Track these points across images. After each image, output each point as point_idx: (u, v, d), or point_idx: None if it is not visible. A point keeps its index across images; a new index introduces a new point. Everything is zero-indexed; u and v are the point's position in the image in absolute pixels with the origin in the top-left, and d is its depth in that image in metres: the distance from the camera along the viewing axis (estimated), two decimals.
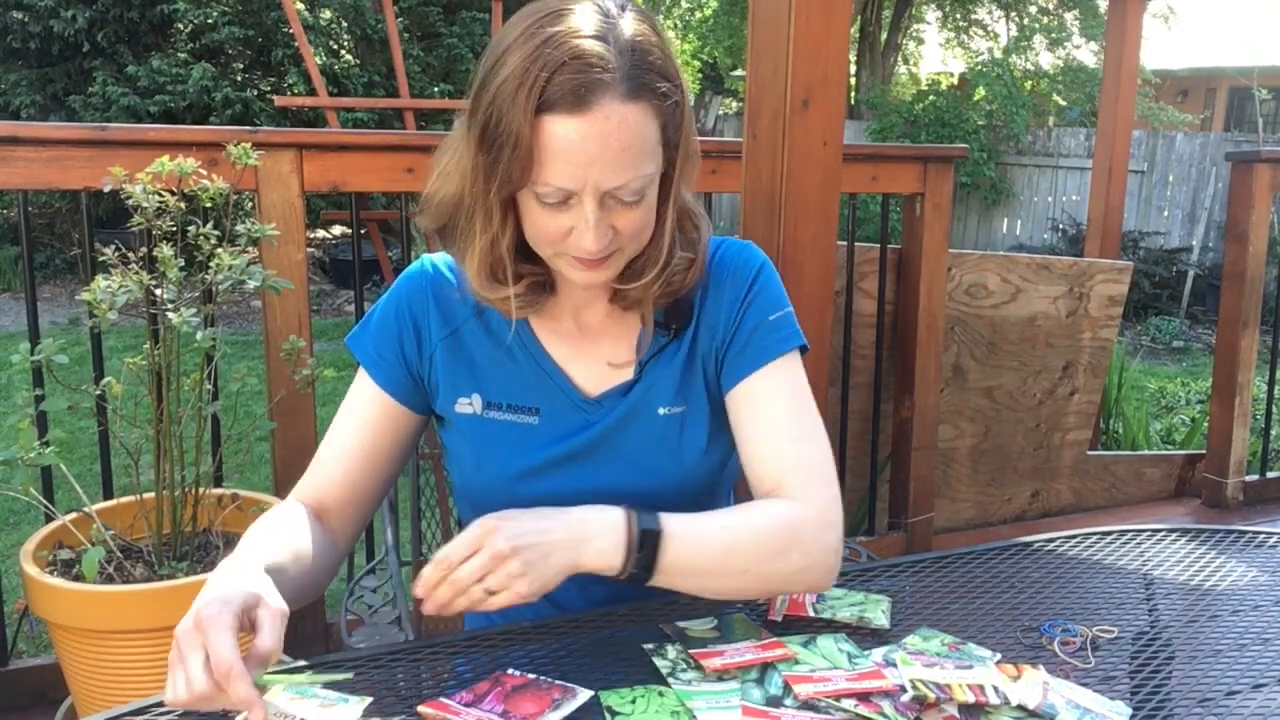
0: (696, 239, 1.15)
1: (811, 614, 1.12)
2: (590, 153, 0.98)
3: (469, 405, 1.17)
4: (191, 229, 1.85)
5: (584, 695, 0.92)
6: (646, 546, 1.01)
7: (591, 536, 1.00)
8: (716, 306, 1.18)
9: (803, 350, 1.17)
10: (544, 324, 1.18)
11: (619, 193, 1.02)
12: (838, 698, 0.93)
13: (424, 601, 0.96)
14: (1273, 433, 3.72)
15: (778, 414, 1.13)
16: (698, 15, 16.90)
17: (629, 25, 1.00)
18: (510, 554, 0.95)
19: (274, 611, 0.89)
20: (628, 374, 1.17)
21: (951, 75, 16.70)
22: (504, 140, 0.99)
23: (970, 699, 0.93)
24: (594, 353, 1.17)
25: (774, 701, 0.94)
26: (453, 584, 0.95)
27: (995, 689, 0.95)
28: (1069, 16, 14.84)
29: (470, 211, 1.07)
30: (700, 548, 1.04)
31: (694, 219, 1.16)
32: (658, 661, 0.99)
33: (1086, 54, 14.26)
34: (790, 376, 1.15)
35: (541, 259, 1.10)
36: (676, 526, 1.03)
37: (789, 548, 1.07)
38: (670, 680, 0.96)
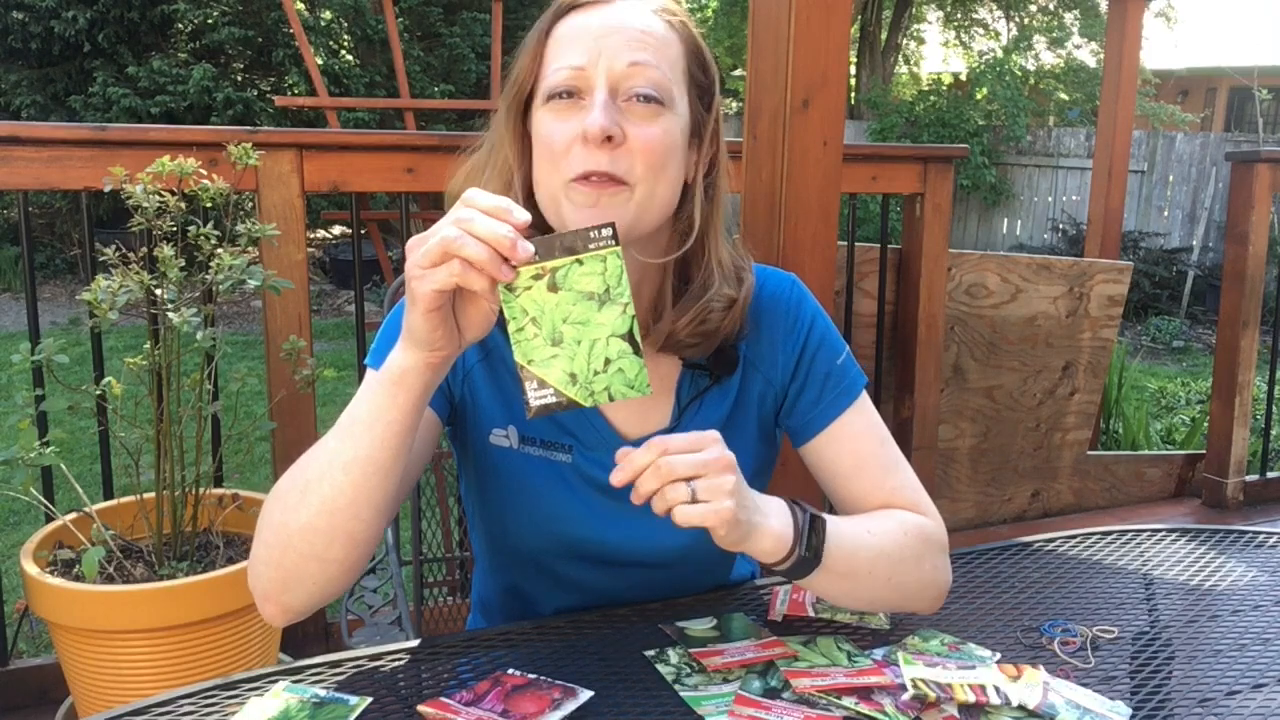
0: (739, 281, 1.10)
1: (812, 614, 1.12)
2: (607, 26, 1.00)
3: (505, 438, 1.11)
4: (192, 229, 1.85)
5: (584, 695, 0.92)
6: (815, 533, 0.97)
7: (768, 511, 0.96)
8: (770, 346, 1.13)
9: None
10: None
11: (634, 79, 0.99)
12: (838, 693, 0.93)
13: (619, 476, 0.88)
14: (1273, 433, 3.72)
15: (867, 449, 1.12)
16: (698, 15, 16.92)
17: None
18: (730, 468, 0.89)
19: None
20: (664, 418, 1.11)
21: (953, 75, 16.69)
22: (525, 50, 1.03)
23: (971, 699, 0.93)
24: None
25: (772, 694, 0.94)
26: (659, 471, 0.88)
27: (996, 689, 0.95)
28: (1069, 16, 14.85)
29: (489, 158, 1.07)
30: (856, 547, 1.01)
31: (737, 265, 1.11)
32: (661, 668, 0.99)
33: (1086, 54, 14.27)
34: (868, 412, 1.14)
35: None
36: (834, 520, 1.00)
37: (923, 556, 1.07)
38: (676, 686, 0.96)
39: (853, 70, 15.00)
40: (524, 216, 0.83)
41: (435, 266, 0.83)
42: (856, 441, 1.12)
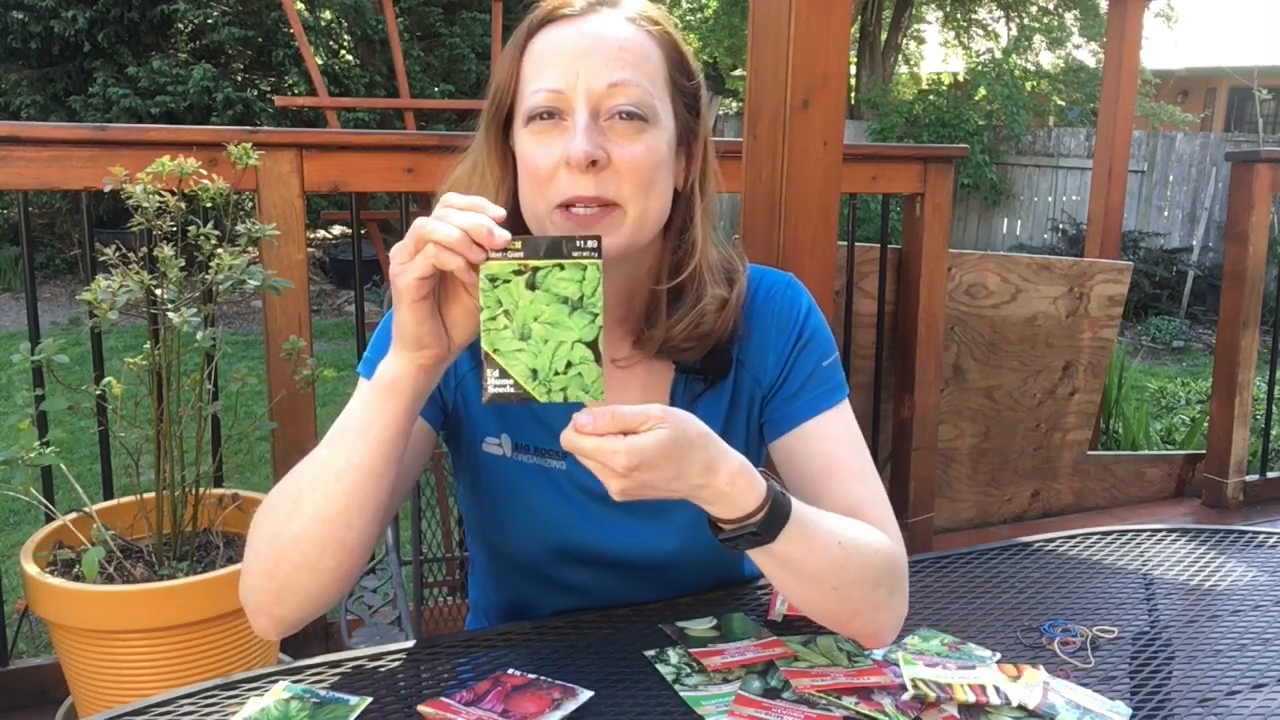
0: (730, 282, 1.09)
1: None
2: (583, 45, 0.98)
3: (498, 446, 1.11)
4: (192, 229, 1.85)
5: (584, 695, 0.92)
6: (777, 508, 0.91)
7: (734, 474, 0.90)
8: (762, 348, 1.11)
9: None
10: None
11: (615, 98, 0.97)
12: (838, 693, 0.93)
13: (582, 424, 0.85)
14: (1273, 433, 3.72)
15: (842, 453, 1.08)
16: (698, 15, 16.91)
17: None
18: (630, 457, 0.84)
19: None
20: None
21: (953, 75, 16.70)
22: (502, 65, 1.01)
23: (971, 699, 0.93)
24: (623, 396, 1.08)
25: (772, 694, 0.94)
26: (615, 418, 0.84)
27: (996, 689, 0.95)
28: (1069, 16, 14.86)
29: (473, 174, 1.06)
30: (813, 545, 0.94)
31: (726, 265, 1.10)
32: (661, 668, 0.99)
33: (1086, 54, 14.28)
34: (847, 419, 1.11)
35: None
36: (804, 510, 0.95)
37: (880, 582, 1.00)
38: (676, 686, 0.96)
39: (853, 70, 15.01)
40: (498, 211, 0.85)
41: (412, 258, 0.84)
42: (831, 444, 1.09)
